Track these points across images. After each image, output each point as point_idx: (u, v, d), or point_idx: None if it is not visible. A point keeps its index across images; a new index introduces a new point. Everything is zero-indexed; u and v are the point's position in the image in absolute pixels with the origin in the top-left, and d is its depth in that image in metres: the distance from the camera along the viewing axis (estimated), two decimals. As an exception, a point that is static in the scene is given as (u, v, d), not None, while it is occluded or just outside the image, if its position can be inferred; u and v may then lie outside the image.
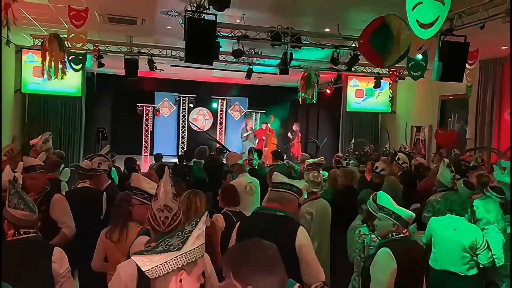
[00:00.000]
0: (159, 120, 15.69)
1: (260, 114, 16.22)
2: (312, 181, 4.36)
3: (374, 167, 5.68)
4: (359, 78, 12.45)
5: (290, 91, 14.08)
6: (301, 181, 3.47)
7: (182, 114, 15.91)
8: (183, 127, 15.92)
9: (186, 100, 15.76)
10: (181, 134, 15.90)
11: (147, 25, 7.61)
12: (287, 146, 14.06)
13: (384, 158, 7.02)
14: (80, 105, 11.18)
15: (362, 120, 12.97)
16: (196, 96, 15.59)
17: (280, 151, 8.69)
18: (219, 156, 8.12)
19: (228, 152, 8.26)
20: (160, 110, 15.60)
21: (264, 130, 14.02)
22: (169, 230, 2.13)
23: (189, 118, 15.82)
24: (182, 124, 15.91)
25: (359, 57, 7.91)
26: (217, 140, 13.45)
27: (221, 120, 16.31)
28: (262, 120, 15.46)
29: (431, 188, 5.08)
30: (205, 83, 14.90)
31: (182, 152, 13.79)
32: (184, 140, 15.85)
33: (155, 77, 13.15)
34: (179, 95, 15.68)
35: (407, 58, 6.95)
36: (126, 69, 9.38)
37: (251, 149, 8.96)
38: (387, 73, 10.95)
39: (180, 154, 11.82)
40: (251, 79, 10.52)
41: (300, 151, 13.39)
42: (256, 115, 16.30)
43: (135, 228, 3.11)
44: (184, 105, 15.86)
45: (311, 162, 6.13)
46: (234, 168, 6.06)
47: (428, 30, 4.21)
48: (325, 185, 4.94)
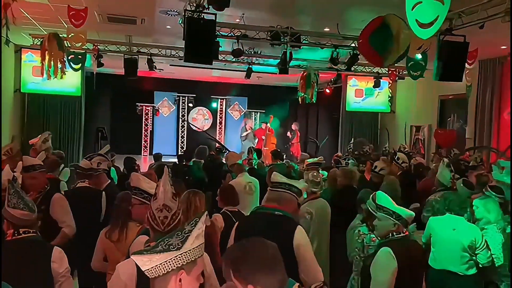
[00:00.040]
0: (159, 120, 15.68)
1: (259, 113, 16.20)
2: (311, 181, 4.37)
3: (373, 166, 5.69)
4: (359, 77, 12.44)
5: (290, 91, 14.08)
6: (300, 181, 3.48)
7: (182, 114, 15.90)
8: (182, 127, 15.91)
9: (186, 99, 15.75)
10: (181, 134, 15.89)
11: (146, 24, 7.60)
12: (287, 146, 14.05)
13: (383, 158, 7.02)
14: (79, 104, 11.16)
15: (361, 119, 12.96)
16: (196, 96, 15.57)
17: (279, 151, 8.69)
18: (219, 156, 8.11)
19: (227, 152, 8.26)
20: (159, 110, 15.59)
21: (263, 129, 14.00)
22: (168, 229, 2.13)
23: (189, 118, 15.80)
24: (181, 123, 15.90)
25: (358, 57, 7.91)
26: (217, 140, 13.44)
27: (221, 120, 16.30)
28: (262, 119, 15.44)
29: (431, 188, 5.08)
30: (204, 83, 14.88)
31: (182, 151, 13.80)
32: (184, 140, 15.83)
33: (154, 77, 13.13)
34: (179, 95, 15.66)
35: (407, 57, 6.95)
36: (126, 69, 9.37)
37: (251, 148, 8.95)
38: (387, 72, 10.94)
39: (179, 153, 11.82)
40: (250, 78, 10.51)
41: (299, 150, 13.38)
42: (255, 115, 16.29)
43: (134, 227, 3.11)
44: (184, 105, 15.85)
45: (310, 161, 6.14)
46: (233, 168, 6.07)
47: (427, 29, 4.21)
48: (324, 184, 4.94)
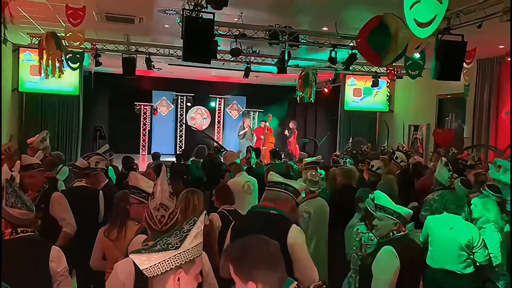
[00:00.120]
0: (157, 119, 15.66)
1: (258, 113, 16.17)
2: (310, 180, 4.37)
3: (370, 165, 5.70)
4: (357, 77, 12.45)
5: (288, 90, 14.09)
6: (298, 180, 3.48)
7: (180, 113, 15.87)
8: (181, 126, 15.90)
9: (184, 99, 15.73)
10: (179, 133, 15.88)
11: (144, 23, 7.59)
12: (287, 149, 14.02)
13: (382, 157, 7.04)
14: (77, 103, 11.13)
15: (360, 119, 12.96)
16: (194, 95, 15.55)
17: (278, 150, 8.69)
18: (217, 155, 8.11)
19: (225, 151, 8.25)
20: (158, 109, 15.56)
21: (262, 128, 13.99)
22: (166, 229, 2.13)
23: (187, 117, 15.78)
24: (180, 123, 15.89)
25: (357, 56, 7.92)
26: (214, 139, 13.42)
27: (219, 119, 16.28)
28: (260, 119, 15.43)
29: (429, 187, 5.08)
30: (203, 82, 14.86)
31: (180, 151, 13.80)
32: (182, 139, 15.82)
33: (152, 76, 13.12)
34: (177, 94, 15.63)
35: (405, 57, 6.95)
36: (124, 68, 9.36)
37: (249, 148, 8.95)
38: (385, 72, 10.94)
39: (178, 153, 11.82)
40: (249, 78, 10.51)
41: (297, 149, 13.37)
42: (254, 114, 16.27)
43: (133, 226, 3.11)
44: (182, 104, 15.83)
45: (308, 161, 6.14)
46: (231, 167, 6.06)
47: (425, 29, 4.22)
48: (322, 184, 4.94)
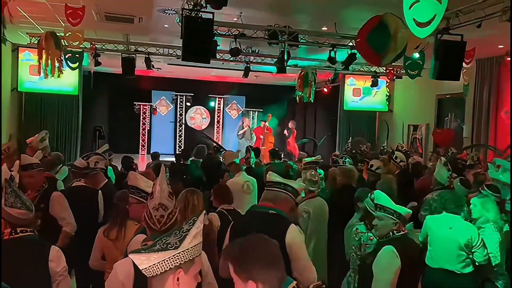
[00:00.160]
0: (156, 119, 15.66)
1: (257, 112, 16.19)
2: (309, 180, 4.38)
3: (369, 165, 5.70)
4: (356, 77, 12.45)
5: (288, 90, 14.08)
6: (297, 180, 3.48)
7: (180, 113, 15.88)
8: (180, 126, 15.90)
9: (184, 98, 15.73)
10: (178, 133, 15.88)
11: (144, 23, 7.59)
12: (286, 149, 14.02)
13: (382, 157, 7.04)
14: (77, 103, 11.12)
15: (359, 119, 12.97)
16: (194, 95, 15.55)
17: (277, 150, 8.69)
18: (217, 155, 8.11)
19: (224, 151, 8.26)
20: (157, 109, 15.57)
21: (262, 128, 13.99)
22: (165, 228, 2.13)
23: (187, 117, 15.79)
24: (179, 122, 15.89)
25: (356, 56, 7.92)
26: (212, 139, 13.43)
27: (219, 119, 16.28)
28: (260, 118, 15.43)
29: (428, 187, 5.08)
30: (202, 82, 14.86)
31: (180, 150, 13.79)
32: (182, 139, 15.82)
33: (152, 76, 13.11)
34: (176, 94, 15.63)
35: (404, 57, 6.96)
36: (123, 68, 9.36)
37: (249, 148, 8.96)
38: (384, 72, 10.95)
39: (177, 152, 11.82)
40: (248, 77, 10.51)
41: (296, 148, 13.38)
42: (253, 114, 16.28)
43: (133, 226, 3.11)
44: (182, 104, 15.83)
45: (308, 160, 6.13)
46: (231, 167, 6.06)
47: (425, 28, 4.22)
48: (321, 183, 4.94)
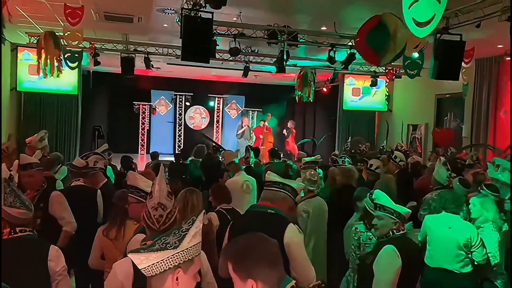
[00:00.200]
0: (156, 119, 15.66)
1: (257, 112, 16.19)
2: (308, 180, 4.38)
3: (369, 165, 5.70)
4: (356, 76, 12.44)
5: (287, 90, 14.08)
6: (296, 180, 3.48)
7: (179, 113, 15.88)
8: (179, 126, 15.89)
9: (183, 98, 15.72)
10: (178, 133, 15.87)
11: (143, 23, 7.59)
12: (285, 149, 14.02)
13: (382, 157, 7.05)
14: (76, 103, 11.10)
15: (358, 118, 12.97)
16: (193, 94, 15.54)
17: (276, 149, 8.69)
18: (216, 155, 8.11)
19: (223, 151, 8.26)
20: (156, 108, 15.56)
21: (261, 128, 13.99)
22: (164, 228, 2.13)
23: (186, 117, 15.79)
24: (178, 122, 15.89)
25: (355, 56, 7.92)
26: (211, 139, 13.43)
27: (218, 119, 16.27)
28: (259, 118, 15.42)
29: (427, 186, 5.09)
30: (201, 81, 14.86)
31: (179, 150, 13.78)
32: (181, 139, 15.82)
33: (151, 75, 13.11)
34: (176, 93, 15.63)
35: (403, 56, 6.97)
36: (123, 67, 9.35)
37: (248, 147, 8.96)
38: (384, 71, 10.96)
39: (176, 152, 11.81)
40: (247, 77, 10.51)
41: (295, 148, 13.38)
42: (253, 113, 16.28)
43: (132, 226, 3.11)
44: (181, 104, 15.83)
45: (307, 160, 6.14)
46: (230, 167, 6.06)
47: (424, 28, 4.22)
48: (321, 183, 4.94)
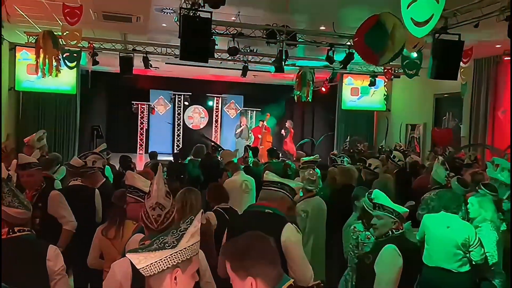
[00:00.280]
0: (154, 118, 15.65)
1: (255, 112, 16.19)
2: (307, 179, 4.38)
3: (367, 164, 5.71)
4: (354, 76, 12.45)
5: (286, 89, 14.07)
6: (295, 180, 3.48)
7: (178, 112, 15.87)
8: (178, 125, 15.88)
9: (182, 98, 15.72)
10: (177, 132, 15.87)
11: (142, 22, 7.58)
12: (287, 153, 14.00)
13: (381, 157, 7.06)
14: (74, 103, 11.11)
15: (357, 118, 12.98)
16: (192, 94, 15.54)
17: (275, 149, 8.70)
18: (215, 154, 8.11)
19: (222, 150, 8.26)
20: (155, 108, 15.55)
21: (260, 127, 13.99)
22: (162, 228, 2.13)
23: (185, 116, 15.79)
24: (177, 122, 15.88)
25: (354, 55, 7.91)
26: (210, 139, 13.42)
27: (217, 118, 16.27)
28: (258, 118, 15.43)
29: (426, 186, 5.10)
30: (200, 81, 14.85)
31: (178, 150, 13.78)
32: (180, 138, 15.81)
33: (150, 75, 13.09)
34: (174, 93, 15.62)
35: (402, 56, 6.97)
36: (121, 67, 9.34)
37: (247, 147, 8.96)
38: (382, 71, 10.96)
39: (175, 152, 11.81)
40: (246, 77, 10.50)
41: (293, 148, 13.38)
42: (251, 113, 16.28)
43: (131, 225, 3.11)
44: (180, 103, 15.82)
45: (306, 160, 6.14)
46: (229, 166, 6.06)
47: (422, 28, 4.23)
48: (319, 183, 4.94)
